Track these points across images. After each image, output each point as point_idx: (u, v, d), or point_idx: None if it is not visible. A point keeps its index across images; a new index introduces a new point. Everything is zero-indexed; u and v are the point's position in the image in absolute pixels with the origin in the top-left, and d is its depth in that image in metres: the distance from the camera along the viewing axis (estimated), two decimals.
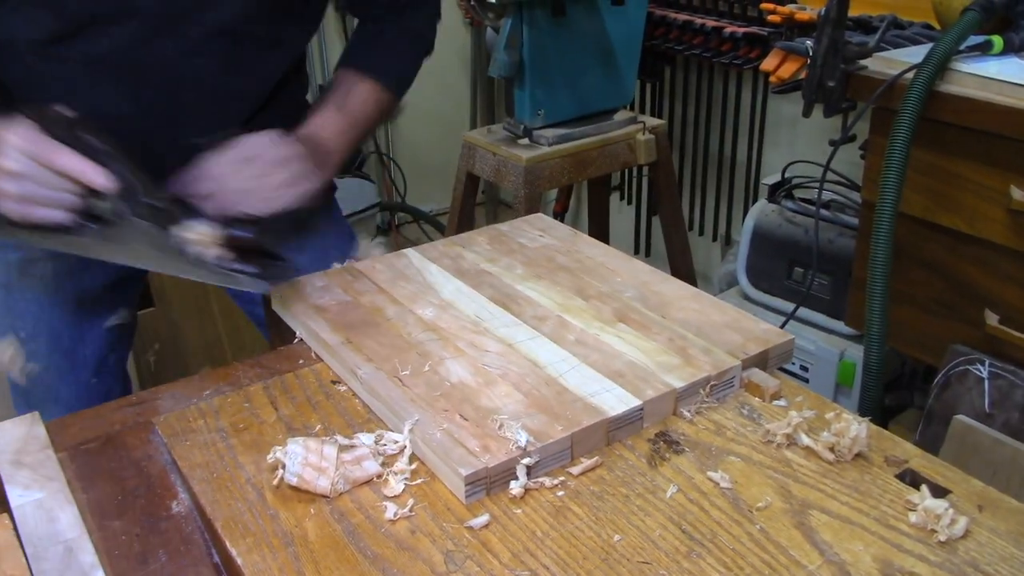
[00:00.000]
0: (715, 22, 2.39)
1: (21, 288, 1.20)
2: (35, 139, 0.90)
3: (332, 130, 1.14)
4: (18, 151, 0.90)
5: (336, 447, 0.76)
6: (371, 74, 1.21)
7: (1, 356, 1.19)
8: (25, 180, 0.90)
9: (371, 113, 1.21)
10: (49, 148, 0.90)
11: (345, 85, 1.20)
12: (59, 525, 0.71)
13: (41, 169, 0.90)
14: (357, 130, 1.19)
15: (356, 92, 1.19)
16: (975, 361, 1.48)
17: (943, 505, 0.71)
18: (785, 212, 2.06)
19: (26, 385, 1.23)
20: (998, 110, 1.36)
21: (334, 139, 1.14)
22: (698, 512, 0.73)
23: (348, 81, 1.20)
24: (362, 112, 1.19)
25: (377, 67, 1.22)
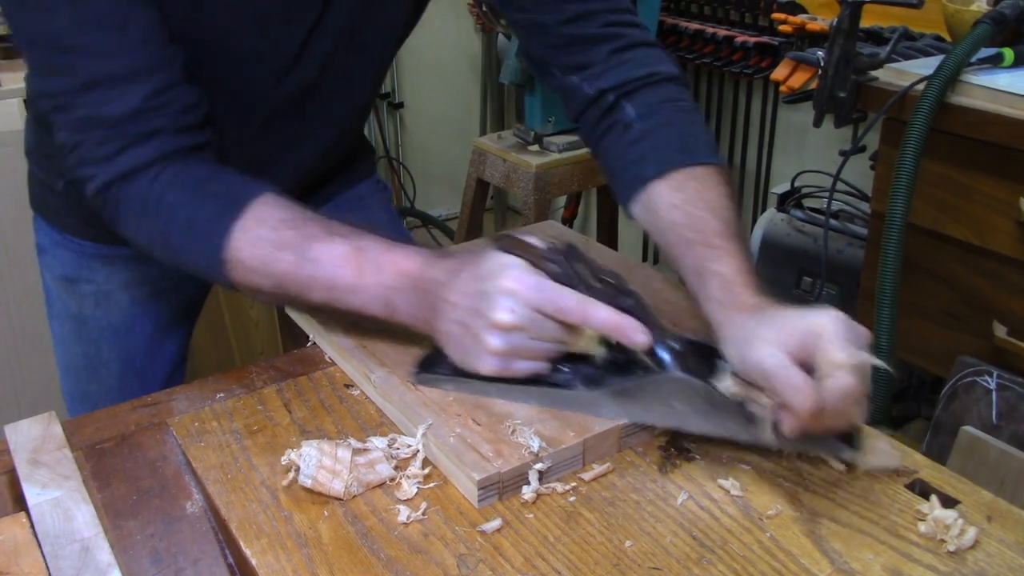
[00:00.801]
0: (726, 31, 2.40)
1: (96, 318, 1.19)
2: (539, 285, 0.76)
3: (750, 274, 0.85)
4: (519, 301, 0.76)
5: (350, 450, 0.77)
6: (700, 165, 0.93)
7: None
8: (519, 334, 0.77)
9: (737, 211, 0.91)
10: (562, 297, 0.76)
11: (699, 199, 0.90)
12: (76, 524, 0.72)
13: (543, 322, 0.77)
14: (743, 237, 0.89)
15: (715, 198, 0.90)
16: (983, 372, 1.48)
17: (952, 515, 0.71)
18: (794, 221, 2.06)
19: (92, 404, 1.24)
20: (1008, 122, 1.37)
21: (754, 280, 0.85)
22: (709, 519, 0.73)
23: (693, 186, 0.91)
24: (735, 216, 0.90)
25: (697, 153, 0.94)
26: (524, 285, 0.76)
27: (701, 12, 2.51)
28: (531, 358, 0.79)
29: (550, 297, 0.76)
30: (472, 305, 0.78)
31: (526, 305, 0.76)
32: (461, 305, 0.78)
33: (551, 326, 0.77)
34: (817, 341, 0.72)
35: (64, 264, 1.18)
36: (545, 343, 0.78)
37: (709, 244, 0.85)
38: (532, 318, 0.76)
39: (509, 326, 0.76)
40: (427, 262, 0.82)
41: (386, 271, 0.82)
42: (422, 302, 0.81)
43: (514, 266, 0.77)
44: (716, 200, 0.89)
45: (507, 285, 0.76)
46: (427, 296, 0.81)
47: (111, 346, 1.21)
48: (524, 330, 0.76)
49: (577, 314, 0.75)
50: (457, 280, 0.79)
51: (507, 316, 0.76)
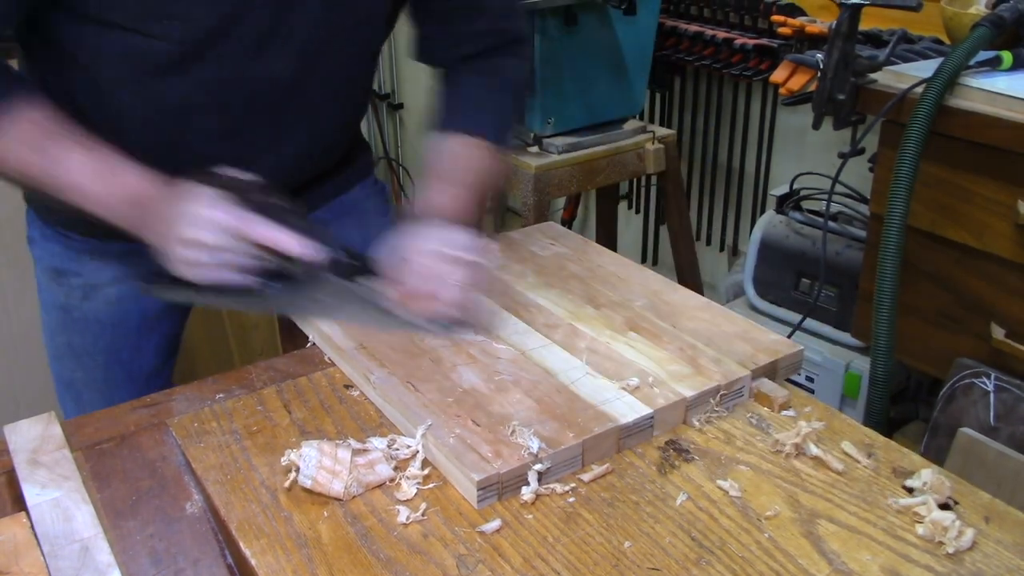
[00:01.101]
0: (726, 33, 2.40)
1: (82, 309, 1.20)
2: (229, 211, 0.90)
3: (463, 210, 1.07)
4: (213, 224, 0.90)
5: (350, 451, 0.77)
6: (479, 136, 1.13)
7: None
8: (221, 252, 0.91)
9: (487, 182, 1.14)
10: (245, 221, 0.90)
11: (455, 154, 1.12)
12: (75, 524, 0.72)
13: (238, 242, 0.90)
14: (480, 204, 1.12)
15: (470, 161, 1.11)
16: (981, 374, 1.48)
17: (950, 517, 0.72)
18: (793, 223, 2.06)
19: (78, 392, 1.25)
20: (1007, 125, 1.37)
21: (466, 219, 1.06)
22: (707, 520, 0.73)
23: (457, 148, 1.12)
24: (481, 182, 1.12)
25: (483, 127, 1.14)
26: (219, 210, 0.89)
27: (700, 14, 2.51)
28: (235, 270, 0.92)
29: (238, 221, 0.90)
30: (174, 223, 0.91)
31: (219, 226, 0.89)
32: (165, 223, 0.92)
33: (244, 245, 0.90)
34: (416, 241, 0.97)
35: (53, 256, 1.20)
36: (243, 258, 0.91)
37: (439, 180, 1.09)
38: (226, 237, 0.90)
39: (208, 243, 0.89)
40: (151, 183, 0.95)
41: (115, 183, 0.96)
42: (140, 215, 0.95)
43: (213, 196, 0.91)
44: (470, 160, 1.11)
45: (206, 211, 0.90)
46: (145, 212, 0.95)
47: (97, 338, 1.22)
48: (222, 248, 0.90)
49: (259, 235, 0.90)
50: (170, 203, 0.93)
51: (204, 234, 0.89)
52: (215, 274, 0.92)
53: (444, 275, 0.95)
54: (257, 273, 0.93)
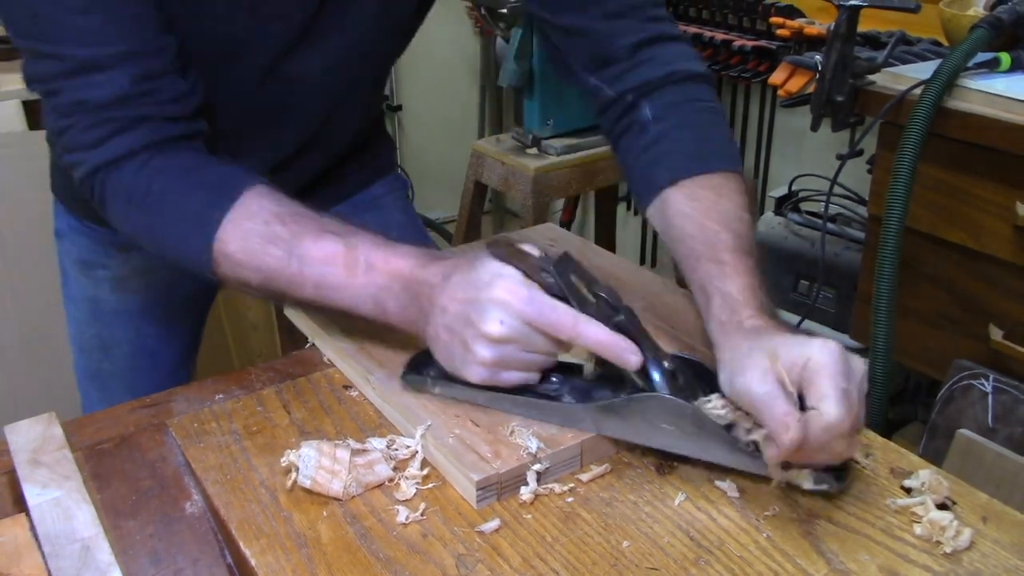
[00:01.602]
0: (724, 35, 2.40)
1: (110, 301, 1.21)
2: (531, 297, 0.75)
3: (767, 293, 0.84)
4: (509, 312, 0.75)
5: (349, 451, 0.77)
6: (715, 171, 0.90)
7: None
8: (509, 346, 0.76)
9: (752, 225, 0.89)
10: (553, 311, 0.75)
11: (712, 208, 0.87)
12: (76, 523, 0.72)
13: (536, 336, 0.76)
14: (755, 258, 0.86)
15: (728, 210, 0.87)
16: (979, 376, 1.49)
17: (948, 517, 0.72)
18: (791, 225, 2.07)
19: (104, 382, 1.25)
20: (1005, 127, 1.37)
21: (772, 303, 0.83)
22: (706, 520, 0.74)
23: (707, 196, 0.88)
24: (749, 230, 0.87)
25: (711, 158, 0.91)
26: (516, 297, 0.74)
27: (699, 16, 2.52)
28: (520, 369, 0.78)
29: (542, 311, 0.75)
30: (463, 312, 0.76)
31: (517, 318, 0.75)
32: (451, 311, 0.77)
33: (541, 340, 0.76)
34: (808, 373, 0.70)
35: (81, 249, 1.20)
36: (534, 355, 0.78)
37: (717, 260, 0.83)
38: (523, 331, 0.75)
39: (499, 338, 0.75)
40: (420, 263, 0.81)
41: (377, 270, 0.81)
42: (412, 304, 0.80)
43: (507, 276, 0.76)
44: (730, 211, 0.87)
45: (499, 296, 0.75)
46: (418, 298, 0.80)
47: (125, 329, 1.23)
48: (514, 342, 0.76)
49: (568, 331, 0.75)
50: (449, 285, 0.78)
51: (498, 328, 0.75)
52: (495, 373, 0.78)
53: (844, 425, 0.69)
54: (541, 371, 0.79)
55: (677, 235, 0.88)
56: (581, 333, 0.74)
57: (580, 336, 0.74)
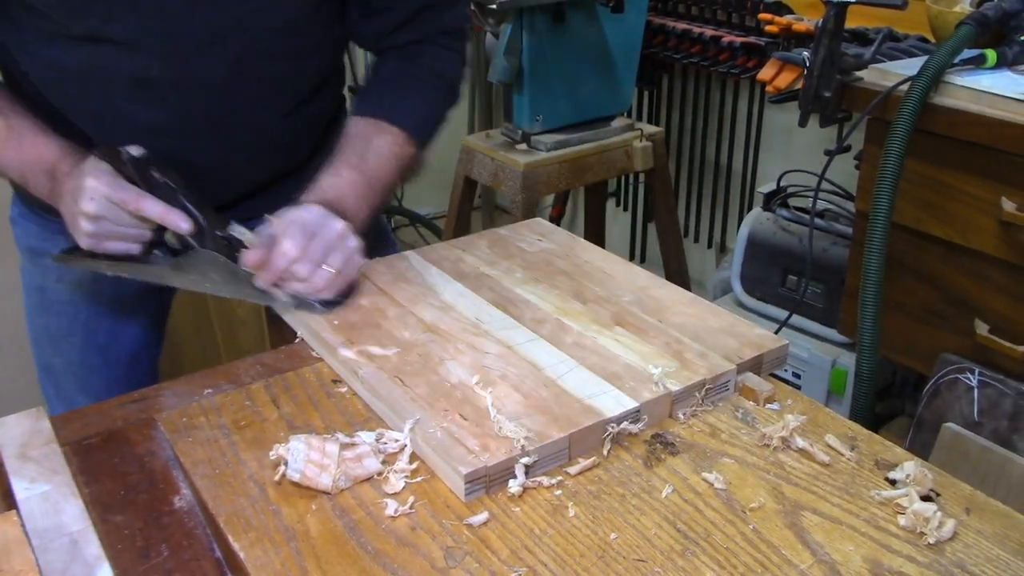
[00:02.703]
0: (713, 31, 2.41)
1: (57, 291, 1.22)
2: (112, 183, 0.96)
3: (353, 196, 1.06)
4: (97, 195, 0.95)
5: (338, 444, 0.77)
6: (392, 123, 1.12)
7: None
8: (103, 221, 0.97)
9: (392, 172, 1.12)
10: (126, 193, 0.96)
11: (362, 138, 1.11)
12: (64, 517, 0.73)
13: (119, 212, 0.97)
14: (377, 193, 1.10)
15: (375, 147, 1.11)
16: (965, 370, 1.50)
17: (932, 508, 0.73)
18: (780, 220, 2.08)
19: (57, 377, 1.25)
20: (990, 123, 1.38)
21: (355, 205, 1.06)
22: (693, 512, 0.74)
23: (366, 133, 1.11)
24: (383, 171, 1.11)
25: (398, 115, 1.13)
26: (100, 182, 0.95)
27: (688, 12, 2.52)
28: (119, 239, 0.99)
29: (115, 191, 0.96)
30: (73, 195, 0.97)
31: (102, 197, 0.95)
32: (68, 194, 0.98)
33: (123, 214, 0.97)
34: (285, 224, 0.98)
35: (30, 236, 1.21)
36: (127, 228, 0.98)
37: (336, 163, 1.08)
38: (109, 208, 0.96)
39: (91, 213, 0.96)
40: (61, 156, 1.02)
41: (26, 152, 1.03)
42: (50, 185, 1.02)
43: (99, 168, 0.97)
44: (376, 146, 1.10)
45: (89, 183, 0.95)
46: (55, 183, 1.01)
47: (72, 320, 1.23)
48: (104, 218, 0.96)
49: (133, 205, 0.96)
50: (69, 177, 0.99)
51: (88, 204, 0.95)
52: (101, 242, 0.99)
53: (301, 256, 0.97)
54: (141, 242, 1.01)
55: (340, 141, 1.11)
56: (142, 207, 0.96)
57: (141, 209, 0.96)
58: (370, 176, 1.09)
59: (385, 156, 1.11)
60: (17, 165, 1.04)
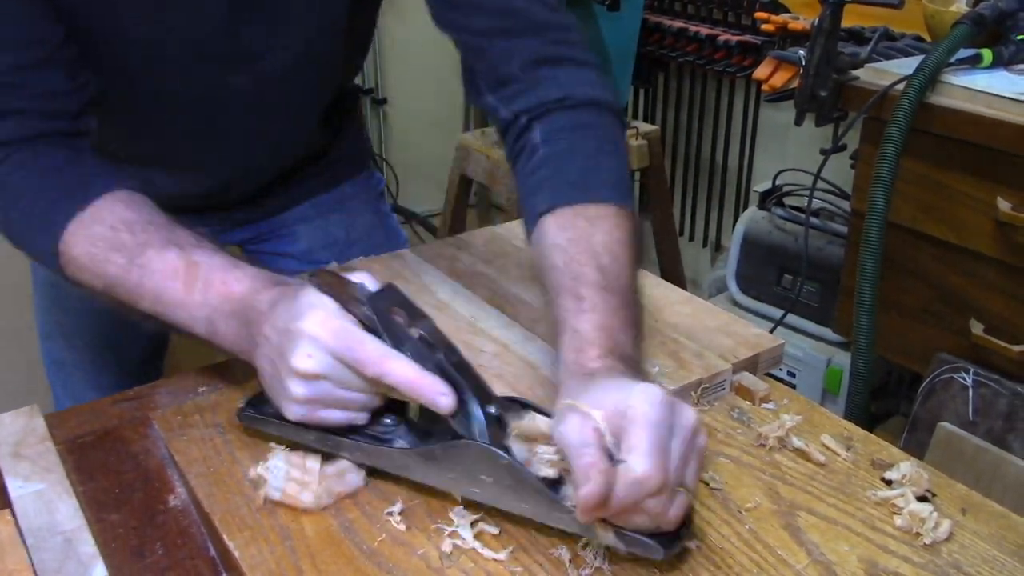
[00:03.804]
0: (709, 30, 2.41)
1: (70, 287, 1.19)
2: (342, 332, 0.69)
3: (628, 331, 0.77)
4: (318, 346, 0.69)
5: (319, 460, 0.76)
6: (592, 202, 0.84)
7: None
8: (323, 383, 0.71)
9: (634, 265, 0.83)
10: (365, 350, 0.69)
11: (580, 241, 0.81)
12: (59, 516, 0.72)
13: (348, 373, 0.70)
14: (634, 307, 0.80)
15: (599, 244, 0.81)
16: (960, 369, 1.50)
17: (928, 508, 0.73)
18: (775, 219, 2.08)
19: (66, 372, 1.24)
20: (986, 122, 1.38)
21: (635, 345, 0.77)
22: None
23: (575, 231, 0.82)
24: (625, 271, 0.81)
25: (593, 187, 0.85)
26: (326, 329, 0.69)
27: (684, 10, 2.52)
28: (338, 407, 0.72)
29: (349, 345, 0.69)
30: (278, 345, 0.71)
31: (327, 352, 0.69)
32: (271, 342, 0.73)
33: (354, 377, 0.70)
34: (625, 422, 0.63)
35: None
36: (352, 393, 0.72)
37: (576, 294, 0.77)
38: (334, 367, 0.70)
39: (309, 373, 0.70)
40: (255, 288, 0.77)
41: (213, 291, 0.78)
42: (243, 330, 0.76)
43: (320, 307, 0.71)
44: (602, 244, 0.80)
45: (309, 328, 0.69)
46: (248, 325, 0.76)
47: (85, 317, 1.21)
48: (326, 379, 0.70)
49: (373, 367, 0.69)
50: (272, 314, 0.73)
51: (306, 362, 0.69)
52: (312, 411, 0.73)
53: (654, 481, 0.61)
54: (367, 411, 0.74)
55: (546, 265, 0.82)
56: (386, 370, 0.68)
57: (384, 373, 0.68)
58: (625, 289, 0.80)
59: (623, 255, 0.82)
60: (205, 313, 0.79)
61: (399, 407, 0.75)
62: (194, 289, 0.78)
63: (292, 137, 1.13)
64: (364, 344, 0.69)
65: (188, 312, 0.79)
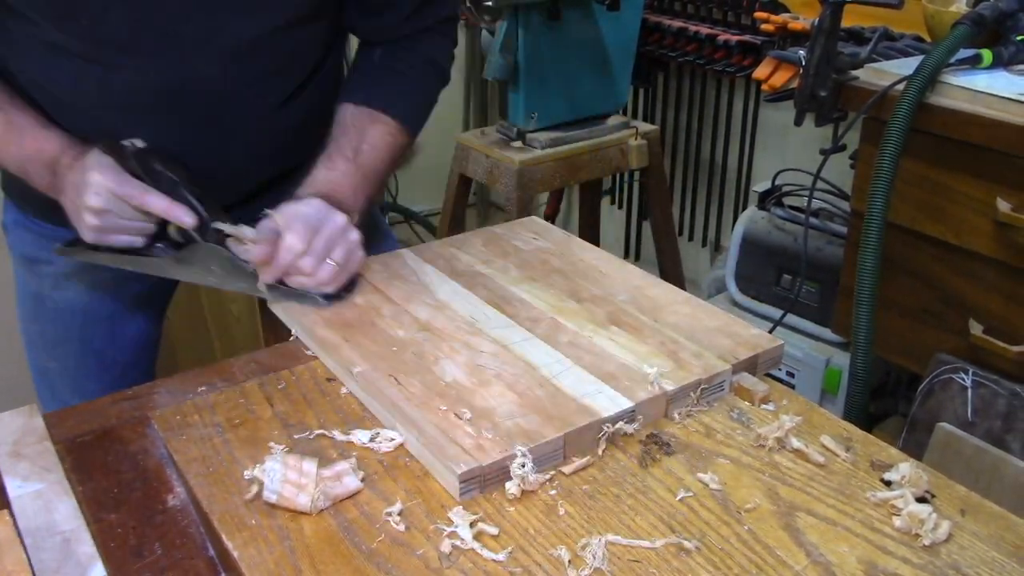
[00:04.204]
0: (709, 30, 2.41)
1: (53, 298, 1.21)
2: (116, 178, 0.97)
3: (350, 189, 1.07)
4: (102, 190, 0.96)
5: (315, 463, 0.76)
6: (385, 112, 1.12)
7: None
8: (107, 215, 0.98)
9: (387, 162, 1.13)
10: (130, 186, 0.97)
11: (356, 129, 1.11)
12: (57, 516, 0.72)
13: (122, 205, 0.98)
14: (372, 184, 1.11)
15: (370, 138, 1.11)
16: (959, 370, 1.50)
17: (927, 509, 0.73)
18: (775, 219, 2.08)
19: (52, 381, 1.24)
20: (986, 123, 1.38)
21: (353, 198, 1.07)
22: (688, 513, 0.74)
23: (359, 123, 1.11)
24: (378, 162, 1.11)
25: (393, 105, 1.13)
26: (105, 177, 0.96)
27: (684, 10, 2.52)
28: (123, 232, 1.00)
29: (120, 186, 0.96)
30: (77, 189, 0.98)
31: (107, 191, 0.96)
32: (74, 187, 0.98)
33: (129, 209, 0.98)
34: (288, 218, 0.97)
35: (25, 244, 1.20)
36: (130, 221, 0.99)
37: (329, 155, 1.08)
38: (113, 202, 0.97)
39: (96, 207, 0.97)
40: (62, 148, 1.01)
41: (26, 146, 1.03)
42: (52, 179, 1.02)
43: (103, 162, 0.97)
44: (371, 136, 1.10)
45: (94, 177, 0.96)
46: (56, 176, 1.01)
47: (68, 327, 1.22)
48: (109, 212, 0.97)
49: (137, 199, 0.97)
50: (72, 169, 0.99)
51: (94, 199, 0.96)
52: (105, 236, 1.00)
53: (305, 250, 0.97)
54: (144, 235, 1.02)
55: (331, 132, 1.11)
56: (146, 202, 0.98)
57: (145, 204, 0.98)
58: (366, 168, 1.09)
59: (380, 147, 1.11)
60: (17, 159, 1.04)
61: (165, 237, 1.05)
62: (9, 141, 1.03)
63: (269, 137, 1.13)
64: (131, 184, 0.97)
65: (6, 159, 1.06)
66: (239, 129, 1.09)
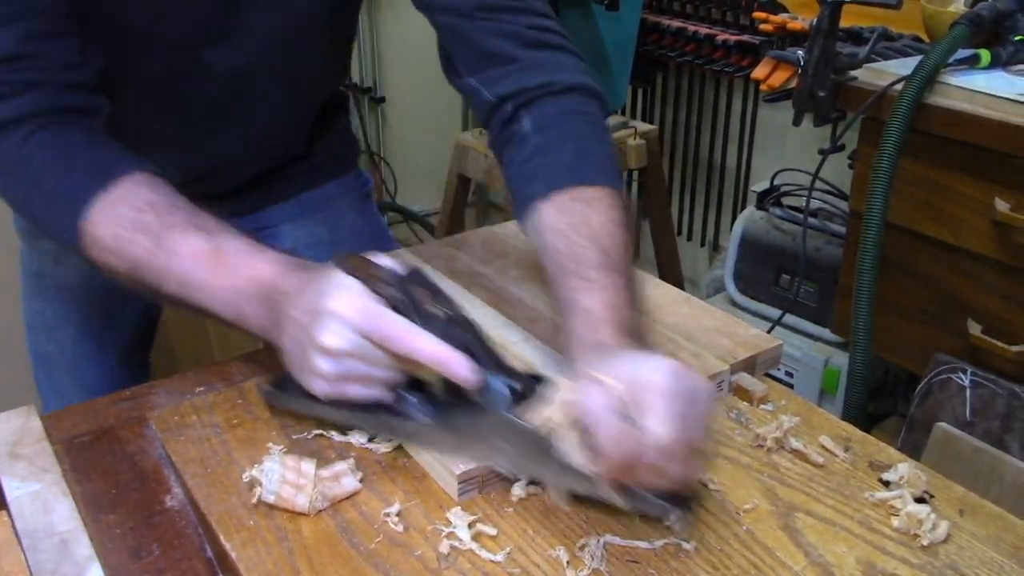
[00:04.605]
0: (708, 29, 2.41)
1: (54, 275, 1.18)
2: (368, 310, 0.72)
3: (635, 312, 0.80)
4: (346, 327, 0.72)
5: (314, 464, 0.75)
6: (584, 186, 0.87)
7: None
8: (349, 360, 0.73)
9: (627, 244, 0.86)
10: (392, 327, 0.72)
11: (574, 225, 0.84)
12: (55, 517, 0.72)
13: (374, 350, 0.73)
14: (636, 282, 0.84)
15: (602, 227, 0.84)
16: (957, 370, 1.50)
17: (925, 510, 0.73)
18: (773, 219, 2.08)
19: (50, 366, 1.24)
20: (984, 123, 1.38)
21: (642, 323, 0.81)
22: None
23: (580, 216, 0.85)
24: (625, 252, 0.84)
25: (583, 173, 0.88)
26: (353, 309, 0.72)
27: (683, 10, 2.52)
28: (364, 384, 0.75)
29: (377, 323, 0.72)
30: (305, 324, 0.74)
31: (354, 330, 0.72)
32: (298, 322, 0.74)
33: (381, 354, 0.73)
34: (639, 390, 0.66)
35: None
36: (378, 370, 0.74)
37: (582, 275, 0.80)
38: (361, 344, 0.72)
39: (336, 351, 0.72)
40: (282, 272, 0.78)
41: (239, 275, 0.79)
42: (269, 313, 0.78)
43: (347, 287, 0.73)
44: (601, 227, 0.84)
45: (337, 308, 0.72)
46: (273, 309, 0.77)
47: (67, 305, 1.21)
48: (353, 356, 0.73)
49: (401, 344, 0.71)
50: (300, 296, 0.75)
51: (334, 340, 0.72)
52: (339, 387, 0.75)
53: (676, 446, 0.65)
54: (392, 387, 0.76)
55: (547, 250, 0.85)
56: (415, 347, 0.71)
57: (413, 350, 0.71)
58: (626, 268, 0.83)
59: (618, 233, 0.85)
60: (231, 297, 0.79)
61: (417, 385, 0.77)
62: (218, 273, 0.79)
63: (268, 130, 1.11)
64: (393, 322, 0.71)
65: (213, 296, 0.80)
66: (244, 126, 1.07)
